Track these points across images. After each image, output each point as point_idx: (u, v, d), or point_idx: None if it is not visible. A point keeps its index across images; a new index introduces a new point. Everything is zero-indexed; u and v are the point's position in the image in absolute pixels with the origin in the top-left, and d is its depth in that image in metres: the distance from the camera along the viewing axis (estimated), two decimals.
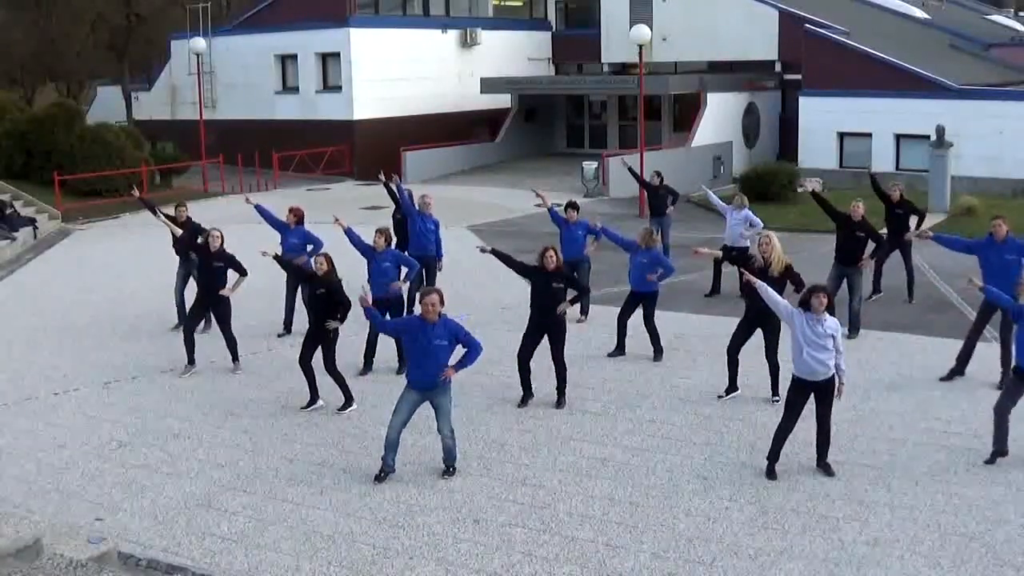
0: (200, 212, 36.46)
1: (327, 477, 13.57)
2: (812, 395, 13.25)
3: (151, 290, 21.01)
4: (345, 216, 19.40)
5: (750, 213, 22.82)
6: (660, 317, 18.86)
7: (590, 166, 39.31)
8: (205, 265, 18.12)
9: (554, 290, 16.06)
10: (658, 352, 18.56)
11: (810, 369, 13.06)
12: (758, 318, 15.86)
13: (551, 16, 54.44)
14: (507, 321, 20.64)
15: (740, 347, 16.32)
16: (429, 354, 13.06)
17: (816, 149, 41.89)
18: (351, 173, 45.10)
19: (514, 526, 12.14)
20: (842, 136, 42.06)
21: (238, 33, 50.43)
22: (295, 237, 20.08)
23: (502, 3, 54.53)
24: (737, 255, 17.99)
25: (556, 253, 16.17)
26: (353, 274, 17.93)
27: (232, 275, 18.01)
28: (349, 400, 16.01)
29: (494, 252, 16.48)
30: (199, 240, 18.67)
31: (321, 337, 15.94)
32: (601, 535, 11.89)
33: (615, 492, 13.03)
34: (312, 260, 16.51)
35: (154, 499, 12.99)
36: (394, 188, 22.24)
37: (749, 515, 12.33)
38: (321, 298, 15.96)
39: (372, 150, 44.73)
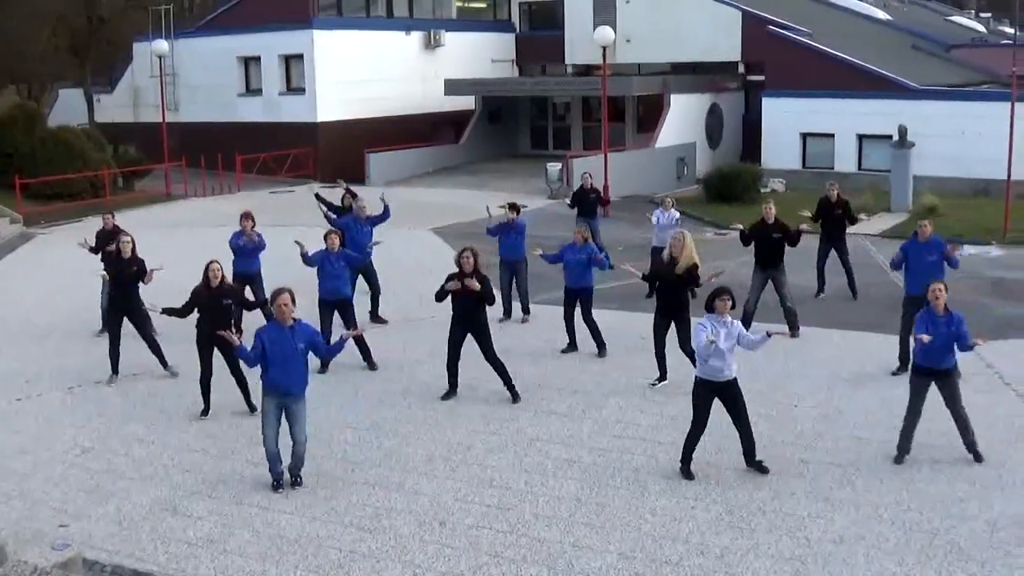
0: (163, 215, 36.38)
1: None
2: (717, 397, 13.42)
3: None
4: (309, 217, 19.34)
5: (679, 214, 23.65)
6: (624, 318, 18.95)
7: (554, 168, 39.29)
8: (119, 271, 18.05)
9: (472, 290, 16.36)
10: (601, 347, 18.86)
11: (714, 370, 13.22)
12: (670, 310, 16.69)
13: (515, 17, 54.43)
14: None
15: (664, 339, 16.99)
16: (289, 358, 12.97)
17: (779, 150, 42.07)
18: (315, 175, 44.98)
19: (481, 528, 12.14)
20: (805, 136, 42.26)
21: (201, 35, 50.17)
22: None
23: (466, 4, 54.50)
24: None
25: (473, 254, 16.35)
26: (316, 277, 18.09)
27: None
28: (252, 407, 15.93)
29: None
30: (111, 247, 18.61)
31: (221, 341, 15.78)
32: (568, 536, 11.90)
33: (581, 493, 13.06)
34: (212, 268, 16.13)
35: (119, 505, 12.92)
36: (325, 209, 22.71)
37: (715, 514, 12.38)
38: (229, 307, 16.04)
39: (336, 152, 44.58)
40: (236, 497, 13.10)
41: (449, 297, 16.33)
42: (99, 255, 20.65)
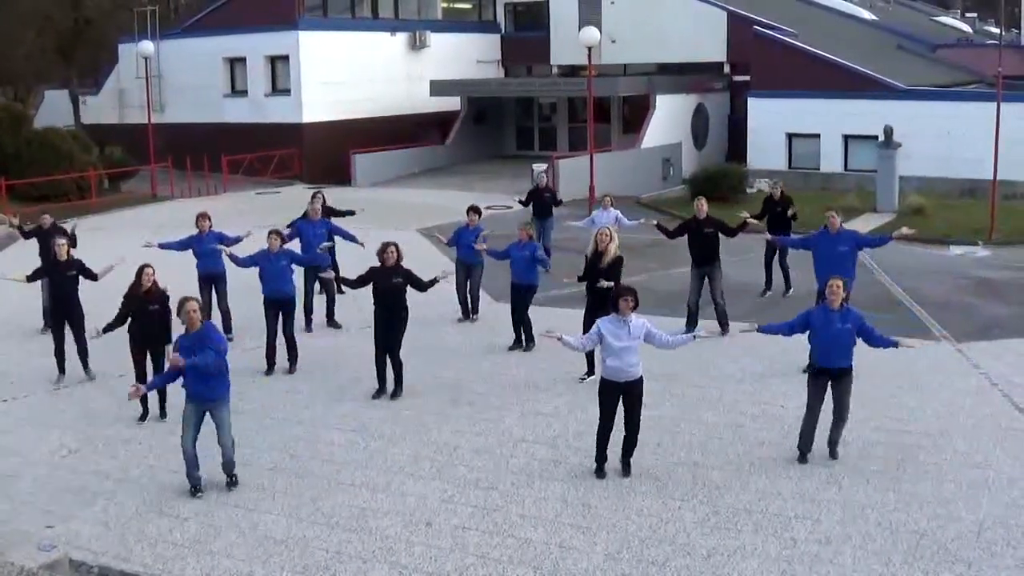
0: (149, 216, 36.29)
1: (279, 482, 13.51)
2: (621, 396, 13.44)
3: (98, 296, 20.75)
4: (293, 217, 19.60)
5: (619, 213, 23.95)
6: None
7: (540, 168, 39.21)
8: (57, 274, 18.03)
9: (394, 285, 16.53)
10: (530, 341, 19.08)
11: (613, 371, 13.28)
12: (599, 305, 16.41)
13: (500, 18, 54.40)
14: (451, 321, 20.77)
15: None
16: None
17: (765, 150, 42.11)
18: (301, 176, 44.95)
19: (467, 529, 12.14)
20: (791, 137, 42.32)
21: (186, 36, 50.03)
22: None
23: (451, 5, 54.47)
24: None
25: (396, 249, 16.65)
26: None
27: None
28: (163, 414, 15.98)
29: (340, 280, 17.14)
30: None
31: (153, 349, 15.98)
32: (554, 536, 11.90)
33: (567, 494, 13.05)
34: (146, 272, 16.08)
35: (105, 506, 12.89)
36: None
37: (701, 515, 12.38)
38: (156, 312, 15.91)
39: (322, 153, 44.58)
40: (222, 498, 13.08)
41: (372, 295, 16.64)
42: (26, 238, 20.83)
